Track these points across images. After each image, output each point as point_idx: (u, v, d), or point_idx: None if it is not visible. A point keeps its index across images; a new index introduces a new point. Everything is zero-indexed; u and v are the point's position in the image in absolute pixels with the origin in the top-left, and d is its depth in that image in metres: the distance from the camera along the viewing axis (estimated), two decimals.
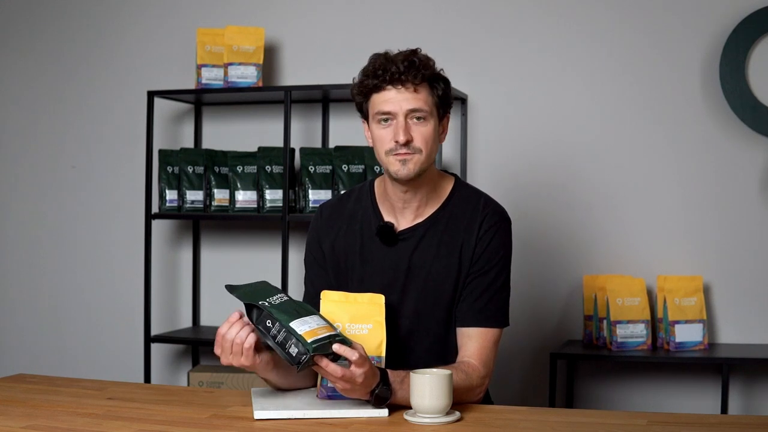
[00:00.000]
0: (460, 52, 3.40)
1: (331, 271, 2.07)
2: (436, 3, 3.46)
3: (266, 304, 1.76)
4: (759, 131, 3.12)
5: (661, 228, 3.25)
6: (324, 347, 1.70)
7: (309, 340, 1.69)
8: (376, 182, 2.11)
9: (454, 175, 2.11)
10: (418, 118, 1.93)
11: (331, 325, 1.77)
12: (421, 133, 1.93)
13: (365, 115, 2.01)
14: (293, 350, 1.70)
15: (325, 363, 1.71)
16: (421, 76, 1.92)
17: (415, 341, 2.02)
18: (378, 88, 1.93)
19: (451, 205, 2.03)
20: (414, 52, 1.95)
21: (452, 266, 1.99)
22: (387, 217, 2.05)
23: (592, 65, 3.31)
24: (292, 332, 1.71)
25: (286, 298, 1.80)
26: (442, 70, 1.99)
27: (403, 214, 2.03)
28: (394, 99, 1.92)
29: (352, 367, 1.71)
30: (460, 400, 1.84)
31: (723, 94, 3.14)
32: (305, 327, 1.72)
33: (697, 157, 3.21)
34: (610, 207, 3.28)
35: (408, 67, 1.91)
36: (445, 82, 1.99)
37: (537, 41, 3.35)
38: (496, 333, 1.99)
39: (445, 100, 1.99)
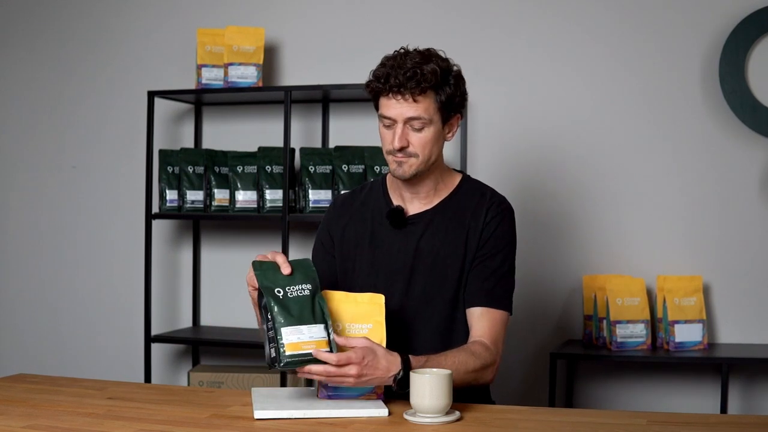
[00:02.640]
0: (460, 52, 3.35)
1: (338, 257, 2.15)
2: (436, 3, 3.46)
3: (279, 293, 1.76)
4: (759, 131, 3.12)
5: (661, 228, 3.25)
6: (295, 365, 1.72)
7: (287, 353, 1.71)
8: (389, 174, 2.19)
9: (463, 172, 2.20)
10: (417, 127, 2.00)
11: (328, 338, 1.76)
12: (419, 138, 2.01)
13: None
14: (271, 353, 1.73)
15: (308, 369, 1.75)
16: (420, 89, 1.97)
17: (422, 323, 2.07)
18: (382, 92, 2.01)
19: (458, 195, 2.12)
20: (425, 59, 1.97)
21: (459, 249, 2.06)
22: (397, 204, 2.13)
23: (591, 65, 3.31)
24: (278, 336, 1.72)
25: (307, 292, 1.79)
26: (456, 66, 2.03)
27: (412, 202, 2.13)
28: (394, 106, 1.99)
29: (330, 368, 1.74)
30: (474, 382, 1.92)
31: (723, 94, 3.14)
32: (293, 337, 1.72)
33: (697, 157, 3.21)
34: (609, 207, 3.28)
35: (408, 79, 1.95)
36: (455, 84, 2.02)
37: (537, 41, 3.35)
38: (504, 315, 2.05)
39: (452, 101, 2.02)
